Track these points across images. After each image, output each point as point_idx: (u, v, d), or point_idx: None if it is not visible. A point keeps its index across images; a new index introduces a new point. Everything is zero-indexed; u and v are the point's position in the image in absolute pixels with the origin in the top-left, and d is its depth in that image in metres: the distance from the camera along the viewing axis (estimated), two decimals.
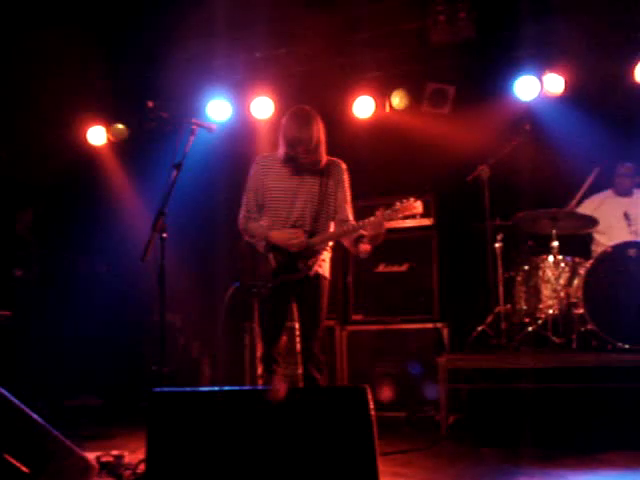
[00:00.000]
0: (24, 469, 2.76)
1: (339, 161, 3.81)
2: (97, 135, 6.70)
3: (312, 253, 3.67)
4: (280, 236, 3.67)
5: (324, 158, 3.70)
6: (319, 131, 3.65)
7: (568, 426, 4.28)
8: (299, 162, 3.64)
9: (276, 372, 3.76)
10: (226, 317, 4.20)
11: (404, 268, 5.53)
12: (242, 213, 3.83)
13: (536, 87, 5.66)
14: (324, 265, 3.76)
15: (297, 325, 4.07)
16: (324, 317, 3.77)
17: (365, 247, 3.66)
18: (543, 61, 5.66)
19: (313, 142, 3.59)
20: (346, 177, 3.80)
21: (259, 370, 3.86)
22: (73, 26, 5.52)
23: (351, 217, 3.80)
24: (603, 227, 5.17)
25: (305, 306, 3.74)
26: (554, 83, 5.64)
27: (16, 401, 2.82)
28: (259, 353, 3.90)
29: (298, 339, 4.32)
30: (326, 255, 3.78)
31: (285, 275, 3.67)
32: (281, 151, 3.67)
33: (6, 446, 2.73)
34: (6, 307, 5.26)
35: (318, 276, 3.72)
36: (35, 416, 2.91)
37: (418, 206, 3.53)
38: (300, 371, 3.82)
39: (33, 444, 2.80)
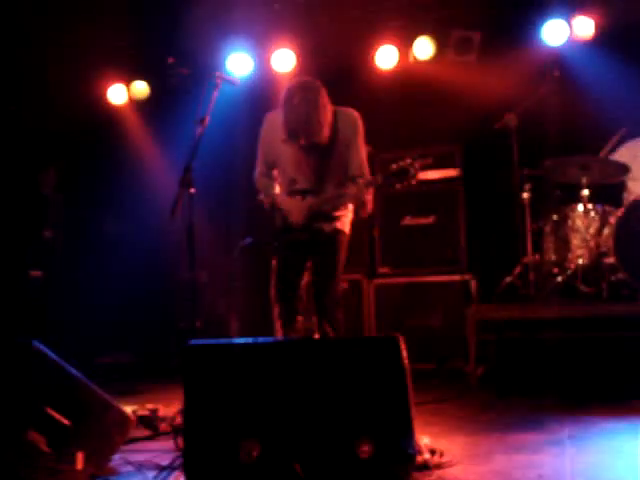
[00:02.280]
0: (65, 422, 2.84)
1: (351, 111, 3.64)
2: (117, 93, 6.66)
3: (317, 216, 3.63)
4: (285, 204, 3.66)
5: (329, 123, 3.51)
6: (322, 102, 3.47)
7: (598, 375, 4.28)
8: (304, 135, 3.48)
9: (296, 325, 3.75)
10: (238, 271, 4.25)
11: (430, 220, 5.49)
12: (256, 170, 3.84)
13: (565, 31, 5.50)
14: (343, 220, 3.72)
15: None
16: (339, 272, 3.73)
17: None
18: (572, 3, 5.48)
19: (317, 115, 3.43)
20: (359, 130, 3.62)
21: (277, 325, 3.80)
22: None
23: (364, 171, 3.67)
24: (637, 175, 5.05)
25: (319, 262, 3.71)
26: (584, 26, 5.47)
27: (55, 357, 2.87)
28: (275, 310, 3.81)
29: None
30: (345, 212, 3.73)
31: (290, 235, 3.66)
32: (283, 122, 3.50)
33: (48, 400, 2.80)
34: (37, 267, 5.33)
35: (335, 231, 3.69)
36: (74, 371, 2.97)
37: (416, 167, 3.42)
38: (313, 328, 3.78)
39: (73, 398, 2.86)
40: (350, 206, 3.78)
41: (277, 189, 3.79)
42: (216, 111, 3.68)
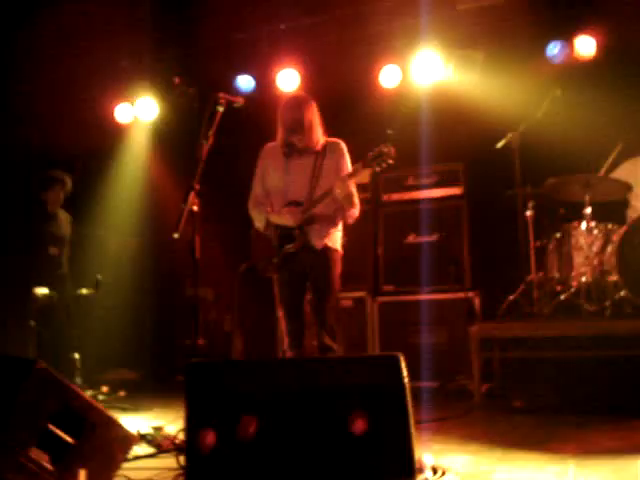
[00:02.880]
0: (68, 439, 2.85)
1: (338, 141, 4.02)
2: (124, 112, 6.74)
3: (306, 222, 3.87)
4: (277, 218, 3.95)
5: (321, 139, 3.97)
6: (313, 114, 3.95)
7: (602, 394, 4.27)
8: (296, 145, 3.92)
9: (303, 345, 3.93)
10: (238, 297, 4.42)
11: (434, 238, 5.52)
12: (250, 198, 4.11)
13: (567, 51, 5.54)
14: (332, 237, 3.94)
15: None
16: (335, 288, 3.92)
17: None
18: (574, 23, 5.53)
19: (307, 124, 3.89)
20: (344, 154, 3.98)
21: (285, 344, 3.98)
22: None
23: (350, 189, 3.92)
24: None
25: (314, 277, 3.92)
26: (586, 46, 5.51)
27: (59, 374, 2.89)
28: (283, 327, 4.02)
29: None
30: (334, 228, 3.96)
31: (285, 247, 3.89)
32: (279, 137, 3.97)
33: (51, 417, 2.82)
34: (43, 284, 5.36)
35: (326, 248, 3.90)
36: (77, 388, 3.00)
37: (389, 153, 3.69)
38: (315, 342, 3.93)
39: (76, 415, 2.88)
40: (340, 224, 4.01)
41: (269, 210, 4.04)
42: (221, 130, 3.73)
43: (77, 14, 5.51)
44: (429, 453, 3.05)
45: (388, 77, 6.03)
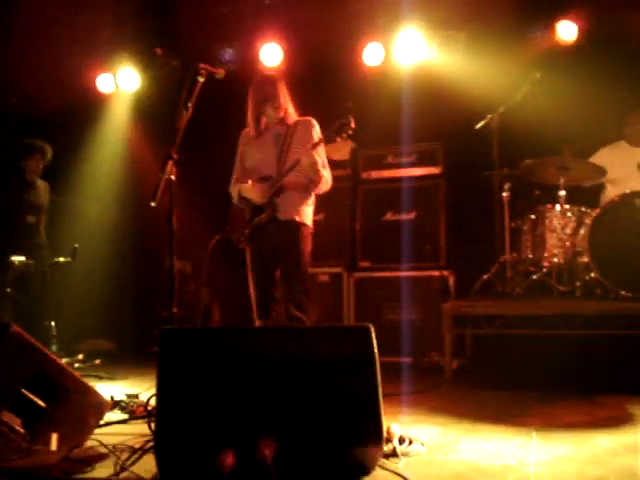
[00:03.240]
0: (41, 403, 2.89)
1: (309, 118, 4.09)
2: (106, 82, 6.68)
3: (275, 194, 3.96)
4: (247, 191, 4.05)
5: (292, 115, 4.08)
6: (283, 89, 4.08)
7: (568, 372, 4.37)
8: (267, 119, 4.05)
9: (272, 314, 4.02)
10: (210, 267, 4.46)
11: (411, 216, 5.57)
12: (232, 181, 4.22)
13: (549, 35, 5.58)
14: (302, 212, 4.03)
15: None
16: (302, 262, 3.99)
17: None
18: (556, 8, 5.56)
19: (278, 99, 4.01)
20: (314, 127, 4.03)
21: (254, 313, 4.04)
22: None
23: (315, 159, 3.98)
24: (617, 178, 5.15)
25: (281, 250, 4.00)
26: (567, 31, 5.55)
27: (33, 340, 2.92)
28: (253, 297, 4.08)
29: None
30: (303, 203, 4.05)
31: (255, 219, 4.00)
32: (250, 114, 4.09)
33: (24, 382, 2.84)
34: (20, 253, 5.35)
35: (295, 222, 3.99)
36: (51, 354, 3.02)
37: (348, 124, 3.74)
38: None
39: (49, 380, 2.91)
40: (311, 199, 4.10)
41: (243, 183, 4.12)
42: (202, 101, 3.73)
43: None
44: (397, 424, 3.12)
45: (371, 55, 6.03)
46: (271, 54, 6.18)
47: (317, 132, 4.02)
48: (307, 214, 4.08)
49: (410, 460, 2.83)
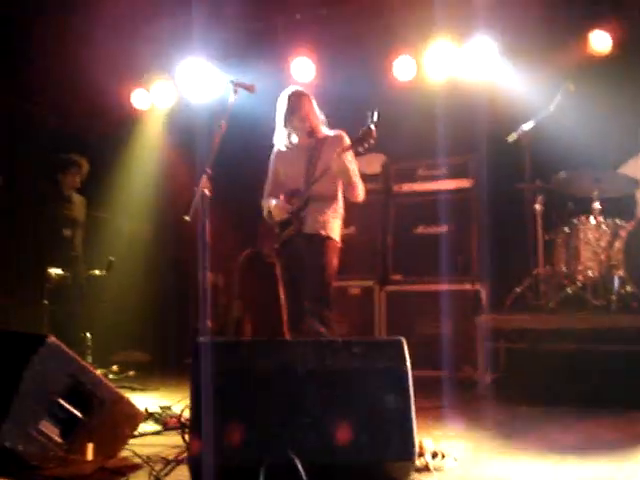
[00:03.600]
0: (78, 414, 2.94)
1: (339, 132, 4.05)
2: (141, 98, 6.80)
3: (302, 208, 3.94)
4: (274, 209, 4.06)
5: (321, 127, 4.07)
6: (310, 103, 4.07)
7: (605, 387, 4.30)
8: (295, 133, 4.03)
9: (303, 326, 3.94)
10: (241, 281, 4.50)
11: (443, 229, 5.54)
12: (264, 196, 4.21)
13: (580, 47, 5.54)
14: (328, 226, 3.97)
15: None
16: (327, 276, 3.94)
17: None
18: (589, 18, 5.52)
19: (303, 110, 4.00)
20: (344, 140, 3.97)
21: (285, 326, 4.05)
22: None
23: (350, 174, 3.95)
24: None
25: (307, 265, 3.95)
26: (600, 42, 5.50)
27: (70, 351, 2.97)
28: (284, 310, 4.09)
29: None
30: (330, 216, 3.99)
31: (283, 233, 3.98)
32: (278, 129, 4.09)
33: (61, 392, 2.90)
34: (57, 266, 5.45)
35: (320, 236, 3.94)
36: (87, 365, 3.08)
37: (370, 133, 3.68)
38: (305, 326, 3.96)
39: (86, 391, 2.96)
40: (339, 213, 4.05)
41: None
42: (236, 117, 3.79)
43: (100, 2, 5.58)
44: (430, 438, 3.11)
45: (402, 68, 6.04)
46: (302, 69, 6.22)
47: (346, 143, 3.97)
48: (333, 228, 4.02)
49: (442, 475, 2.81)
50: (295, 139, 4.07)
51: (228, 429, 2.60)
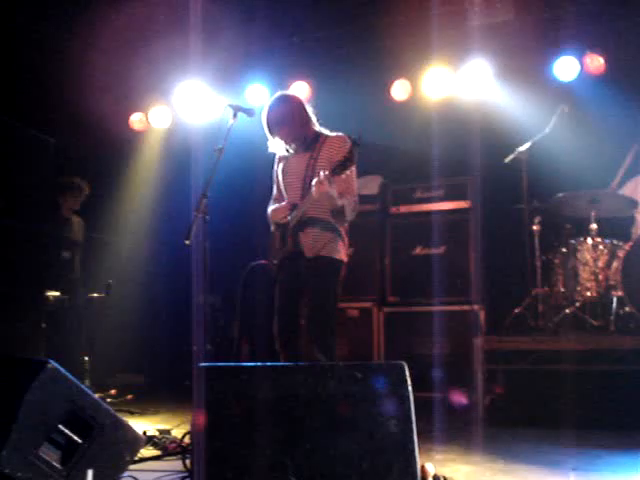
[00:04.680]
0: (77, 439, 2.92)
1: (339, 135, 3.77)
2: (139, 120, 6.85)
3: (299, 227, 3.69)
4: (271, 211, 3.87)
5: (309, 131, 3.80)
6: (293, 107, 3.79)
7: (604, 408, 4.29)
8: (287, 141, 3.79)
9: (292, 348, 3.72)
10: (243, 294, 4.33)
11: (441, 250, 5.55)
12: (270, 203, 4.01)
13: (575, 68, 5.61)
14: (329, 246, 3.68)
15: None
16: (330, 302, 3.68)
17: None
18: (583, 41, 5.59)
19: (287, 118, 3.74)
20: (341, 150, 3.62)
21: (277, 345, 3.78)
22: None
23: (344, 189, 3.65)
24: None
25: (306, 287, 3.69)
26: (594, 63, 5.57)
27: (69, 375, 2.96)
28: (274, 329, 3.80)
29: None
30: (330, 236, 3.70)
31: (282, 251, 3.76)
32: (269, 137, 3.85)
33: (61, 417, 2.88)
34: (55, 288, 5.44)
35: (321, 257, 3.66)
36: (87, 389, 3.06)
37: (352, 157, 3.41)
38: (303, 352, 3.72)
39: (86, 416, 2.94)
40: (340, 231, 3.76)
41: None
42: (234, 141, 3.80)
43: (98, 25, 5.63)
44: (431, 463, 3.10)
45: (399, 92, 6.10)
46: (300, 92, 6.27)
47: (345, 150, 3.54)
48: (335, 247, 3.71)
49: None
50: (292, 148, 3.83)
51: (230, 454, 2.59)
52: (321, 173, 3.43)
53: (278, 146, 3.88)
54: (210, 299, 5.86)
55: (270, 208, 3.94)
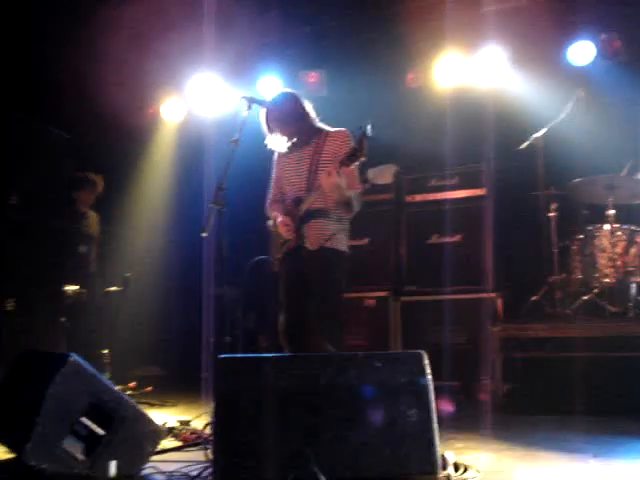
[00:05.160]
0: (100, 431, 2.95)
1: (341, 129, 3.77)
2: (152, 113, 6.87)
3: (302, 221, 3.69)
4: (273, 216, 3.87)
5: (308, 126, 3.79)
6: (287, 106, 3.79)
7: (624, 395, 4.27)
8: (286, 137, 3.78)
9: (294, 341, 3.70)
10: (245, 290, 4.30)
11: (457, 239, 5.52)
12: (267, 199, 4.02)
13: (591, 51, 5.55)
14: (333, 238, 3.67)
15: None
16: (333, 293, 3.66)
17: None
18: (598, 25, 5.53)
19: (284, 113, 3.75)
20: (346, 142, 3.65)
21: (281, 340, 3.76)
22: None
23: (350, 182, 3.62)
24: None
25: (310, 280, 3.65)
26: (610, 46, 5.50)
27: (91, 368, 2.99)
28: (280, 325, 3.78)
29: None
30: (335, 228, 3.69)
31: (285, 245, 3.75)
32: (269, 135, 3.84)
33: (83, 410, 2.91)
34: (73, 282, 5.47)
35: (324, 250, 3.65)
36: (108, 382, 3.09)
37: (361, 148, 3.36)
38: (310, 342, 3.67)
39: (107, 408, 2.97)
40: (344, 223, 3.76)
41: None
42: (249, 132, 3.80)
43: (110, 19, 5.63)
44: (451, 450, 3.10)
45: (412, 79, 6.07)
46: (313, 82, 6.25)
47: (349, 144, 3.58)
48: (339, 239, 3.71)
49: None
50: (293, 145, 3.81)
51: (251, 445, 2.61)
52: (331, 165, 3.47)
53: (278, 143, 3.86)
54: (227, 291, 5.87)
55: (273, 215, 3.90)
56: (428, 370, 2.71)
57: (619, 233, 4.85)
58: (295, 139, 3.80)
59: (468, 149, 5.63)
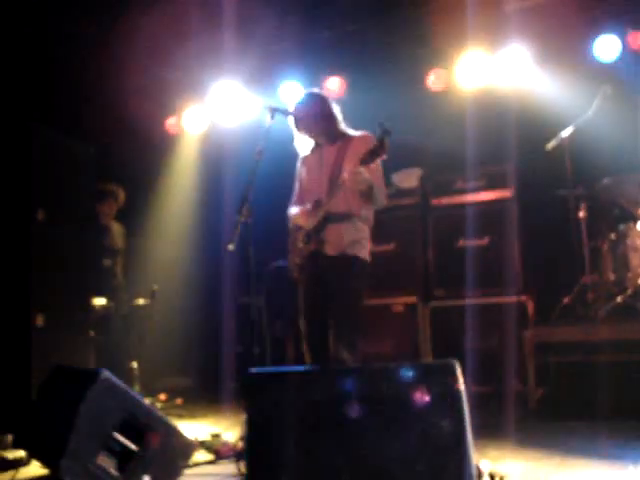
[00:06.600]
0: (132, 446, 2.95)
1: (364, 134, 3.74)
2: (174, 123, 6.89)
3: (322, 225, 3.65)
4: (295, 214, 3.84)
5: (334, 127, 3.81)
6: (315, 105, 3.83)
7: None
8: (312, 136, 3.82)
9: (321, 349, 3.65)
10: (266, 295, 4.28)
11: (485, 241, 5.44)
12: (290, 203, 4.00)
13: (617, 46, 5.45)
14: (353, 244, 3.63)
15: None
16: (355, 300, 3.63)
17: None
18: (625, 19, 5.42)
19: (308, 116, 3.78)
20: (368, 145, 3.49)
21: (304, 347, 3.73)
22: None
23: (375, 179, 3.56)
24: None
25: (330, 287, 3.62)
26: (636, 41, 5.40)
27: (122, 384, 3.00)
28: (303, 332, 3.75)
29: None
30: (356, 234, 3.66)
31: (304, 250, 3.70)
32: (295, 134, 3.88)
33: (116, 426, 2.92)
34: (100, 296, 5.49)
35: (344, 257, 3.61)
36: (139, 397, 3.09)
37: (382, 146, 3.33)
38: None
39: (139, 423, 2.97)
40: (365, 229, 3.72)
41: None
42: (274, 141, 3.78)
43: (127, 28, 5.66)
44: (486, 459, 3.05)
45: (435, 81, 6.01)
46: (335, 86, 6.23)
47: (373, 141, 3.46)
48: (360, 245, 3.66)
49: None
50: (317, 146, 3.85)
51: (283, 459, 2.59)
52: (351, 168, 3.45)
53: (304, 143, 3.89)
54: (253, 300, 5.87)
55: (292, 210, 3.91)
56: (461, 379, 2.65)
57: None
58: (320, 140, 3.83)
59: (493, 150, 5.54)
